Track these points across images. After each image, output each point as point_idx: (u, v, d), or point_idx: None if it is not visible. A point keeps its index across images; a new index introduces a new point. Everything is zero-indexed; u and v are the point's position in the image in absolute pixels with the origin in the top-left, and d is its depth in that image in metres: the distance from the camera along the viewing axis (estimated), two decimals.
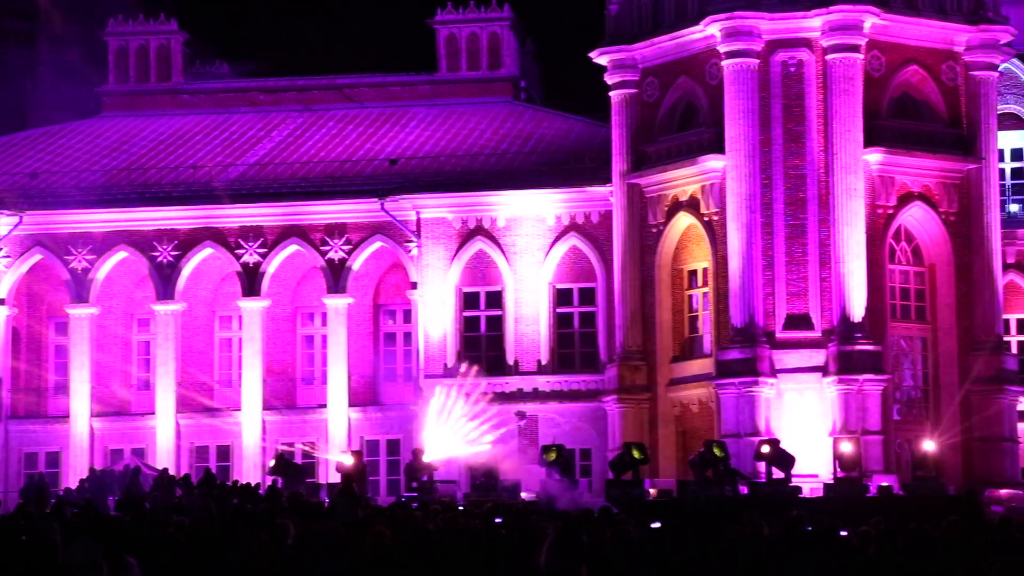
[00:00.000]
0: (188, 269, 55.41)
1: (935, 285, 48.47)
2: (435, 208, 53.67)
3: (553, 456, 43.14)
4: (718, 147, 47.96)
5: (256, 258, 54.94)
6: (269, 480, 45.17)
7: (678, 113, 50.15)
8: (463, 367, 52.05)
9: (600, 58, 51.07)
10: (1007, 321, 51.22)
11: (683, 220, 49.47)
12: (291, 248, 55.07)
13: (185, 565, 15.22)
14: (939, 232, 48.39)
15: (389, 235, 54.45)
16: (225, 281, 56.65)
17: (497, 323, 53.38)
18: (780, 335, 46.97)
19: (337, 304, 54.64)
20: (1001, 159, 51.95)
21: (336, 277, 54.61)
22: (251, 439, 54.20)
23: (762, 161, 47.54)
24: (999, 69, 49.53)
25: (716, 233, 48.21)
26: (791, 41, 47.76)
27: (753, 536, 18.55)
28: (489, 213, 53.50)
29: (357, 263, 54.81)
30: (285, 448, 52.55)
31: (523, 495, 42.28)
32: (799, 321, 47.05)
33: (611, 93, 51.10)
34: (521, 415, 52.19)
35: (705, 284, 49.08)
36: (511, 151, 56.43)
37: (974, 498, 41.54)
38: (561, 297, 53.30)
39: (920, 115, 48.71)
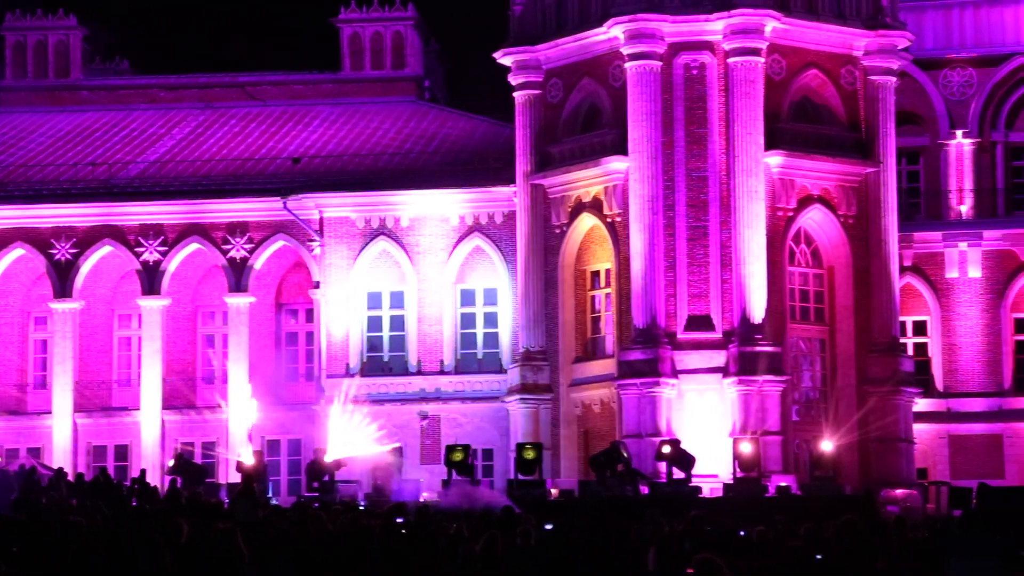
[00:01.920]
0: (87, 267, 54.82)
1: (833, 287, 49.01)
2: (338, 207, 53.48)
3: (460, 456, 43.20)
4: (621, 149, 48.20)
5: (156, 256, 54.46)
6: (168, 480, 44.78)
7: (581, 114, 50.33)
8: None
9: (504, 59, 51.14)
10: (903, 323, 51.91)
11: (586, 221, 49.67)
12: (192, 246, 54.63)
13: (81, 566, 15.06)
14: (838, 235, 48.94)
15: (292, 234, 54.18)
16: (124, 279, 56.09)
17: (400, 323, 53.30)
18: (681, 336, 47.29)
19: (238, 303, 54.29)
20: (898, 163, 52.63)
21: (237, 276, 54.25)
22: (150, 438, 53.72)
23: (664, 163, 47.84)
24: (897, 74, 50.19)
25: (619, 234, 48.45)
26: (693, 44, 48.10)
27: (654, 535, 18.67)
28: (393, 213, 53.39)
29: (259, 262, 54.48)
30: (184, 448, 52.12)
31: (424, 495, 42.26)
32: (700, 322, 47.40)
33: (515, 94, 51.18)
34: (424, 415, 52.17)
35: (608, 285, 49.30)
36: (415, 151, 56.36)
37: (870, 498, 42.10)
38: (464, 297, 53.31)
39: (820, 119, 49.24)
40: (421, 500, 40.92)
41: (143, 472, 46.43)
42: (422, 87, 62.03)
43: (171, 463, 45.19)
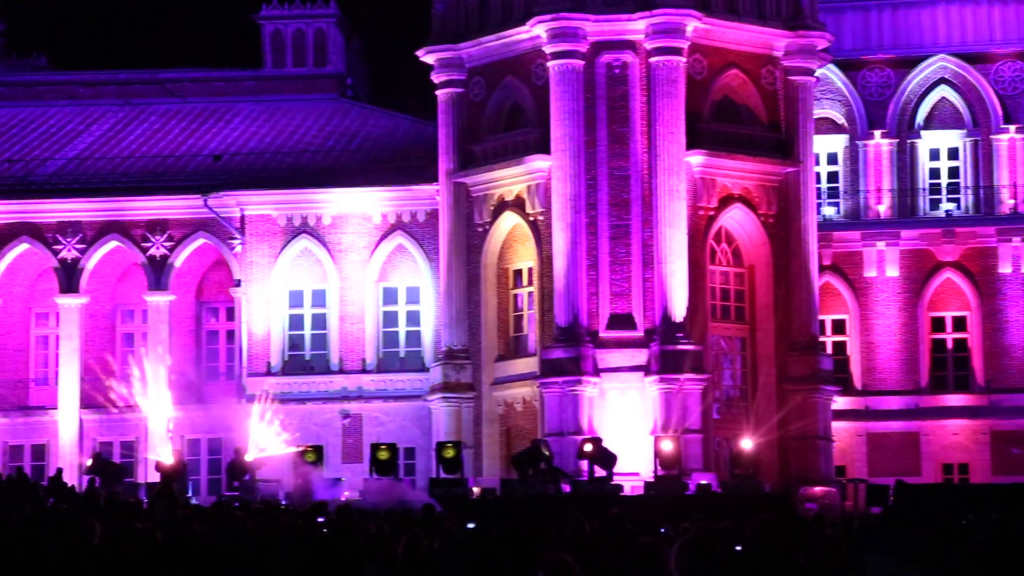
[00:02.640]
0: (3, 265, 54.19)
1: (754, 286, 49.33)
2: (260, 205, 53.21)
3: (386, 455, 43.14)
4: (544, 147, 48.26)
5: (74, 254, 53.93)
6: (86, 480, 44.37)
7: (504, 113, 50.35)
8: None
9: (427, 57, 51.07)
10: (823, 322, 52.34)
11: (509, 219, 49.70)
12: (111, 244, 54.14)
13: None
14: (758, 234, 49.26)
15: (212, 232, 53.83)
16: (42, 277, 55.50)
17: (322, 321, 53.10)
18: (603, 335, 47.43)
19: (158, 301, 53.88)
20: (817, 163, 53.07)
21: (157, 274, 53.84)
22: (68, 438, 53.19)
23: (587, 162, 47.96)
24: (816, 74, 50.59)
25: (541, 233, 48.51)
26: (616, 43, 48.24)
27: (575, 534, 18.69)
28: (315, 211, 53.18)
29: (179, 260, 54.09)
30: (102, 447, 51.66)
31: (345, 494, 42.12)
32: (622, 321, 47.55)
33: (438, 92, 51.12)
34: (346, 414, 52.02)
35: (530, 283, 49.36)
36: (337, 148, 56.16)
37: (788, 496, 42.42)
38: (387, 296, 53.19)
39: (740, 118, 49.54)
40: (342, 499, 40.77)
41: (59, 471, 45.97)
42: (344, 85, 61.81)
43: (89, 462, 44.77)
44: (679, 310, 46.99)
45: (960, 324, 53.83)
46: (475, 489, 43.27)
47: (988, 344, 53.29)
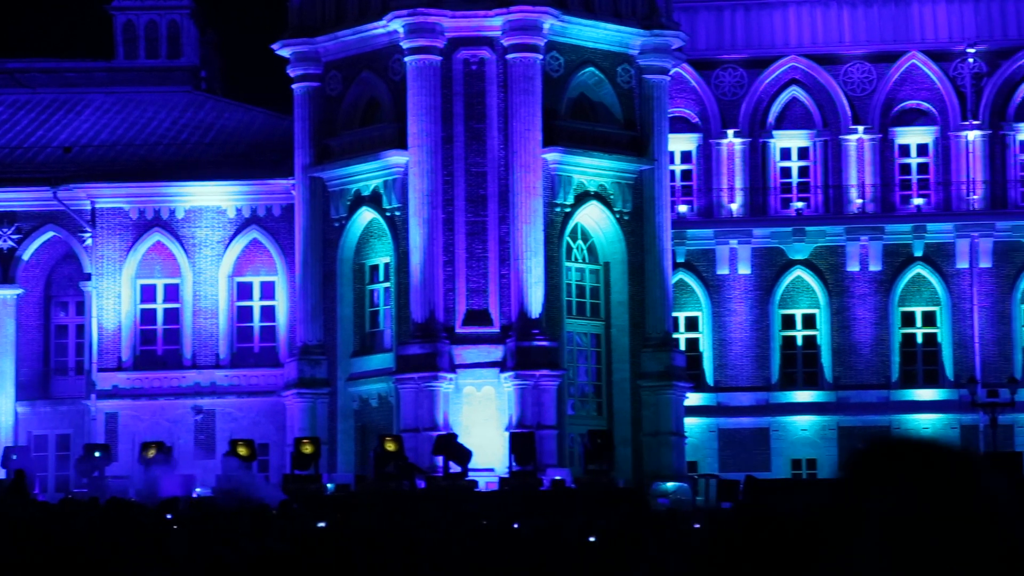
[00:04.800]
0: None
1: (609, 283, 49.71)
2: (111, 198, 52.49)
3: (245, 452, 42.82)
4: (400, 143, 48.18)
5: None
6: None
7: (361, 108, 50.17)
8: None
9: (282, 50, 50.70)
10: (676, 319, 52.90)
11: (365, 215, 49.55)
12: None
13: None
14: (613, 231, 49.64)
15: (62, 224, 52.95)
16: None
17: (175, 316, 52.50)
18: (460, 331, 47.47)
19: (5, 295, 52.87)
20: (672, 161, 53.61)
21: (5, 267, 52.81)
22: None
23: (444, 158, 47.96)
24: (671, 73, 51.11)
25: (398, 228, 48.43)
26: (473, 39, 48.29)
27: (432, 531, 18.68)
28: (167, 204, 52.57)
29: (27, 253, 53.12)
30: None
31: (198, 490, 41.71)
32: (479, 317, 47.63)
33: (293, 86, 50.78)
34: (198, 410, 51.49)
35: (386, 279, 49.25)
36: (191, 141, 55.55)
37: (641, 491, 42.83)
38: (241, 291, 52.73)
39: (596, 116, 49.87)
40: (194, 495, 40.37)
41: None
42: (198, 77, 61.13)
43: None
44: (535, 306, 47.19)
45: (810, 321, 54.72)
46: (329, 485, 43.09)
47: (836, 341, 54.25)
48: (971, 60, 54.74)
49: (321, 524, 21.86)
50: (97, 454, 44.76)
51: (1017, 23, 55.24)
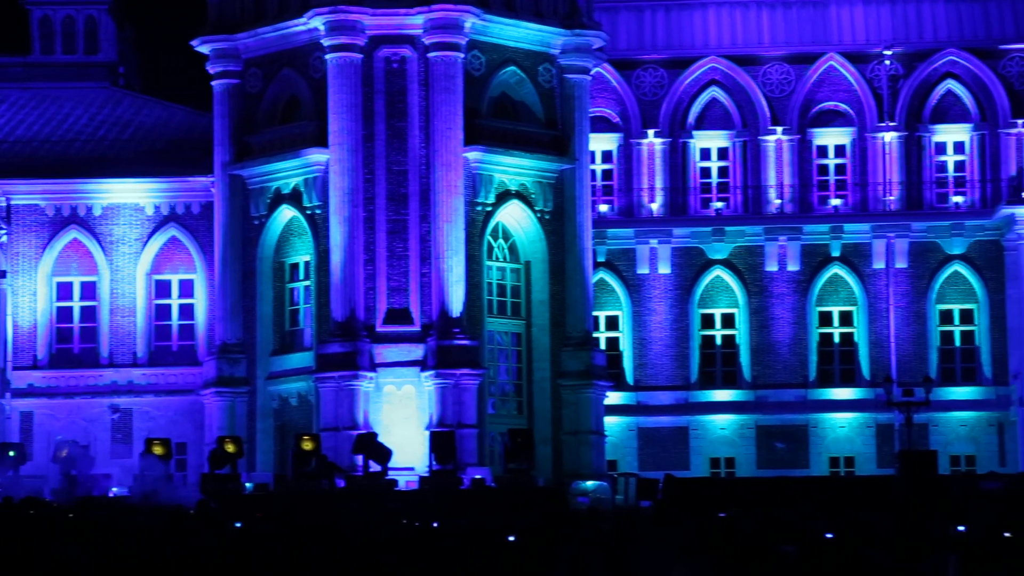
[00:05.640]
0: None
1: (530, 282, 49.79)
2: (27, 195, 52.02)
3: (161, 451, 42.57)
4: (321, 141, 48.02)
5: None
6: None
7: (281, 105, 49.96)
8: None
9: (202, 47, 50.39)
10: (597, 318, 53.08)
11: (285, 213, 49.34)
12: None
13: None
14: (534, 230, 49.73)
15: None
16: None
17: (92, 314, 52.08)
18: (380, 329, 47.40)
19: None
20: (593, 161, 53.79)
21: None
22: None
23: (365, 156, 47.86)
24: (591, 73, 51.26)
25: (318, 227, 48.28)
26: (394, 38, 48.22)
27: (352, 529, 18.65)
28: (85, 201, 52.16)
29: None
30: None
31: (114, 489, 41.44)
32: (399, 316, 47.57)
33: (213, 83, 50.48)
34: (115, 409, 51.12)
35: (307, 278, 49.08)
36: (109, 138, 55.11)
37: (561, 490, 42.94)
38: (159, 289, 52.38)
39: (518, 115, 49.94)
40: (111, 494, 40.09)
41: None
42: (116, 73, 60.60)
43: None
44: (456, 305, 47.20)
45: (729, 321, 55.07)
46: (248, 484, 42.89)
47: (755, 341, 54.64)
48: (888, 62, 55.32)
49: (239, 524, 21.73)
50: (11, 453, 44.30)
51: (933, 26, 55.90)
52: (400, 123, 48.09)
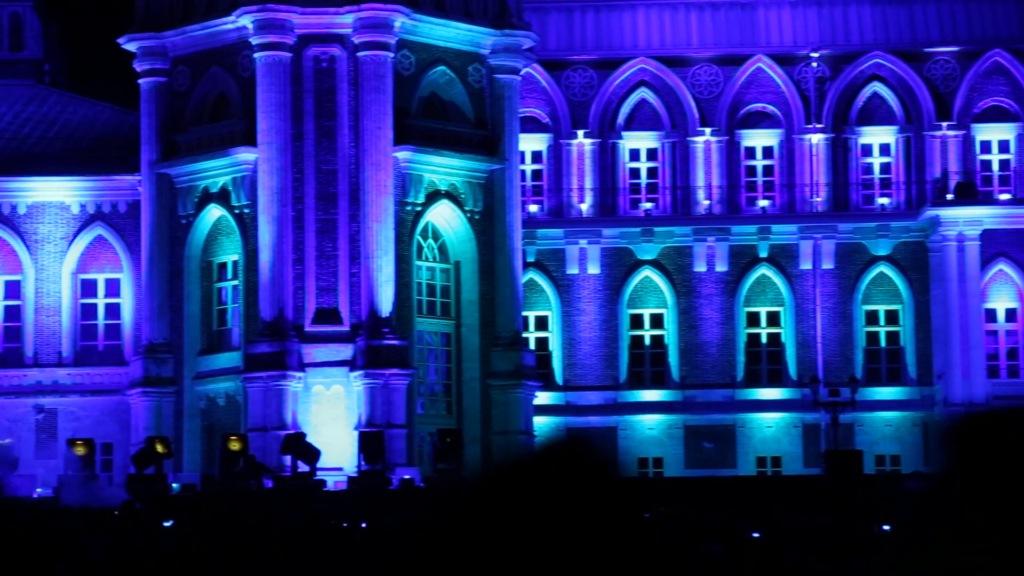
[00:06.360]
0: None
1: (459, 282, 49.78)
2: None
3: (83, 451, 42.21)
4: (250, 140, 47.80)
5: None
6: None
7: (210, 104, 49.67)
8: None
9: (129, 45, 50.02)
10: (526, 318, 53.14)
11: (213, 212, 49.07)
12: None
13: None
14: (464, 230, 49.73)
15: None
16: None
17: (16, 313, 51.55)
18: (309, 329, 47.22)
19: None
20: (522, 161, 53.85)
21: None
22: None
23: (294, 155, 47.68)
24: (521, 73, 51.32)
25: (247, 226, 48.04)
26: (323, 36, 48.07)
27: (280, 530, 18.56)
28: (9, 199, 51.63)
29: None
30: None
31: (39, 490, 41.03)
32: (328, 316, 47.42)
33: (140, 81, 50.13)
34: (40, 409, 50.62)
35: (235, 277, 48.82)
36: (34, 136, 54.55)
37: None
38: (85, 288, 51.93)
39: (447, 115, 49.92)
40: (36, 495, 39.68)
41: None
42: (42, 71, 59.98)
43: None
44: (385, 305, 47.12)
45: (657, 321, 55.29)
46: (175, 485, 42.61)
47: (683, 341, 54.88)
48: (815, 64, 55.72)
49: (167, 524, 21.62)
50: None
51: (860, 29, 56.37)
52: (329, 122, 47.94)
